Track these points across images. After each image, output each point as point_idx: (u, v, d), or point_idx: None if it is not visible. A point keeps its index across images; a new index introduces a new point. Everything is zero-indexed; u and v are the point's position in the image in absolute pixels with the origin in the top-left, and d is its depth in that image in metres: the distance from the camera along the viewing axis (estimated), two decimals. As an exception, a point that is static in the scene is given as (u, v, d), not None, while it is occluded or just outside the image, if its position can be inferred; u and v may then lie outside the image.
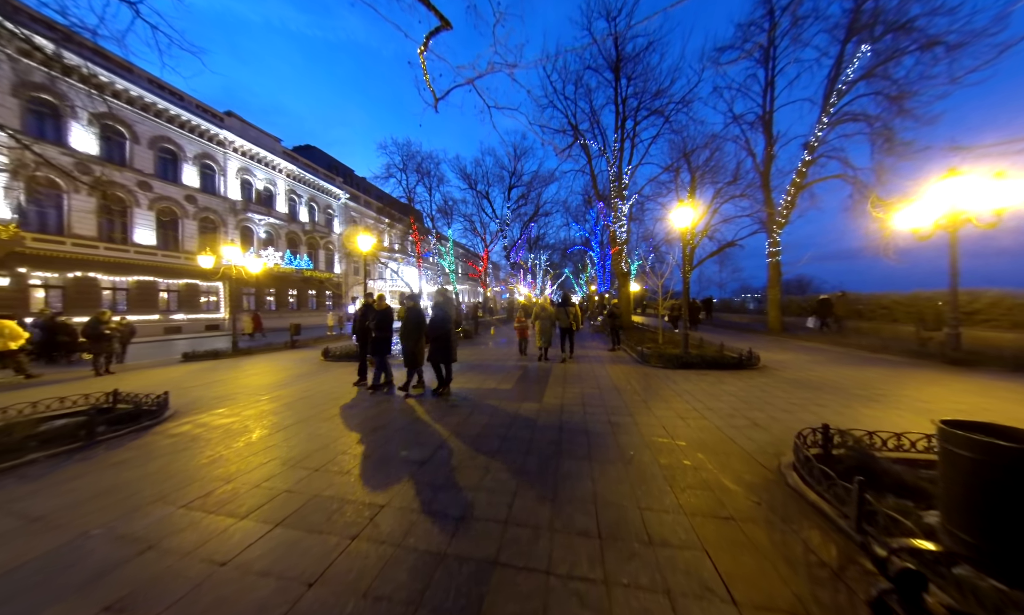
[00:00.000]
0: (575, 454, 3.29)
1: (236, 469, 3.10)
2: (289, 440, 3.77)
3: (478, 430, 3.98)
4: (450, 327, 5.32)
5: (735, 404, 4.79)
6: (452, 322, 5.40)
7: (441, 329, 5.28)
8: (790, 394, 5.28)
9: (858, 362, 7.89)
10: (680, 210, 9.12)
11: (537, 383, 6.31)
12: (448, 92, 7.69)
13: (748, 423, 4.03)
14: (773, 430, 3.81)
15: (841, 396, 5.13)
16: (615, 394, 5.47)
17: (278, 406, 5.07)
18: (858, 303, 15.67)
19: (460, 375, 7.14)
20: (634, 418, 4.30)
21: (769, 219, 15.15)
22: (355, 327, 6.63)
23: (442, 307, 5.42)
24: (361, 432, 3.98)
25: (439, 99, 7.80)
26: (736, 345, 9.13)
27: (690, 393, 5.42)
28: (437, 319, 5.36)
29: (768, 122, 14.56)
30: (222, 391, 6.13)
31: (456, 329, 5.81)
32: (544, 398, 5.29)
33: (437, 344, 5.33)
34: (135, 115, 20.85)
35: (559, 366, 8.00)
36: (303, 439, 3.79)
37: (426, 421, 4.34)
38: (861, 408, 4.56)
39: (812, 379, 6.26)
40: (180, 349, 11.25)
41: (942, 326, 8.87)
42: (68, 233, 18.20)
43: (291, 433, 3.98)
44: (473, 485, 2.74)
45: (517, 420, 4.30)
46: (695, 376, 6.66)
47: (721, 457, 3.16)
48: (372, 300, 6.25)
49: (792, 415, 4.30)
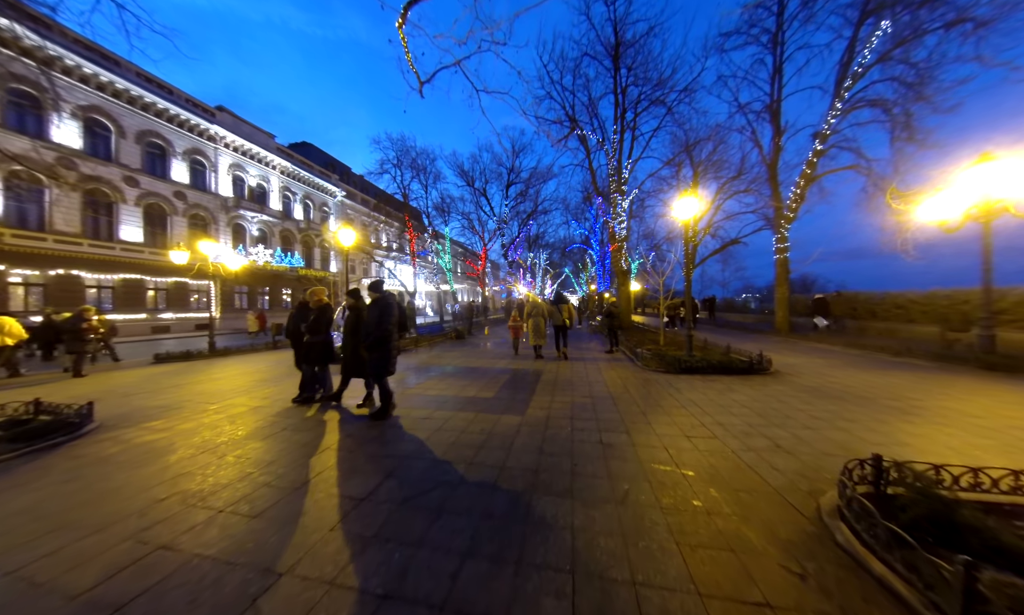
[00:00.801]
0: (554, 488, 2.61)
1: (119, 508, 2.44)
2: (208, 467, 3.10)
3: (441, 452, 3.30)
4: (389, 330, 4.12)
5: (749, 418, 4.09)
6: (392, 325, 4.19)
7: (375, 334, 4.10)
8: (811, 405, 4.58)
9: (880, 366, 7.17)
10: (683, 201, 8.42)
11: (523, 390, 5.63)
12: (434, 74, 7.02)
13: (768, 444, 3.34)
14: (801, 454, 3.12)
15: (871, 408, 4.42)
16: (609, 404, 4.78)
17: (220, 419, 4.41)
18: (870, 303, 14.94)
19: (440, 380, 6.47)
20: (630, 436, 3.62)
21: (776, 214, 14.42)
22: (287, 330, 5.54)
23: (379, 305, 4.19)
24: (297, 456, 3.30)
25: (424, 82, 7.12)
26: (743, 347, 8.44)
27: (696, 404, 4.73)
28: (371, 321, 4.17)
29: (776, 111, 13.82)
30: (171, 399, 5.48)
31: (407, 332, 4.75)
32: (528, 409, 4.60)
33: (370, 354, 4.25)
34: (121, 109, 20.28)
35: (551, 369, 7.32)
36: (224, 465, 3.12)
37: (380, 442, 3.66)
38: (898, 423, 3.86)
39: (832, 386, 5.55)
40: (166, 349, 10.62)
41: (969, 327, 8.16)
42: (50, 229, 17.63)
43: (215, 457, 3.31)
44: (415, 537, 2.06)
45: (492, 439, 3.62)
46: (700, 383, 5.97)
47: (741, 495, 2.47)
48: (307, 296, 5.23)
49: (818, 434, 3.61)
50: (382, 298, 4.25)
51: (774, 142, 14.11)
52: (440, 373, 7.23)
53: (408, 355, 9.95)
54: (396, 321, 4.31)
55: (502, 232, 29.17)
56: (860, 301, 15.51)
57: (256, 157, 28.46)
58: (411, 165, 25.64)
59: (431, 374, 7.14)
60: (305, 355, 5.01)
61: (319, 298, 4.95)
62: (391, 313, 4.18)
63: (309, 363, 4.93)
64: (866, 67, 11.31)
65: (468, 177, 28.92)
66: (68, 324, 7.99)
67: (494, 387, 5.88)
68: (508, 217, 29.68)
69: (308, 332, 4.86)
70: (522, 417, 4.30)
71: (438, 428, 3.95)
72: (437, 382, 6.35)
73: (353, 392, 5.04)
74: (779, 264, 14.62)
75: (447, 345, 12.15)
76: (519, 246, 31.70)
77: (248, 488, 2.69)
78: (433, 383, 6.27)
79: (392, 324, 4.20)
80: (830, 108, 12.33)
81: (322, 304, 4.93)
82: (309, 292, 5.04)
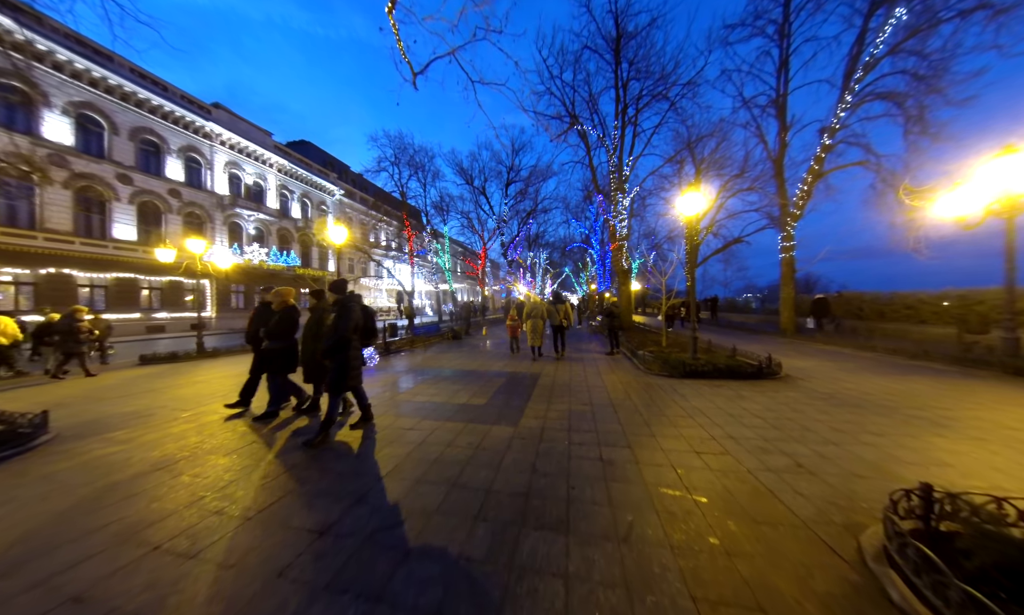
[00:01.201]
0: (547, 520, 2.25)
1: (43, 542, 2.09)
2: (159, 488, 2.75)
3: (422, 470, 2.95)
4: (345, 336, 3.54)
5: (764, 431, 3.73)
6: (350, 331, 3.57)
7: (330, 339, 3.58)
8: (830, 415, 4.22)
9: (896, 370, 6.80)
10: (687, 197, 8.05)
11: (518, 397, 5.28)
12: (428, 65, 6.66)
13: (789, 463, 2.98)
14: (827, 475, 2.76)
15: (896, 419, 4.06)
16: (610, 413, 4.42)
17: (188, 429, 4.07)
18: (877, 303, 14.57)
19: (432, 385, 6.12)
20: (634, 452, 3.26)
21: (782, 212, 14.03)
22: (247, 334, 4.91)
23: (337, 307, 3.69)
24: (259, 477, 2.96)
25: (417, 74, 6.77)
26: (749, 349, 8.08)
27: (703, 413, 4.37)
28: (329, 325, 3.70)
29: (782, 106, 13.42)
30: (143, 405, 5.14)
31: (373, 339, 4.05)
32: (522, 419, 4.25)
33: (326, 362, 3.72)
34: (114, 105, 19.97)
35: (548, 372, 6.97)
36: (177, 487, 2.77)
37: (354, 458, 3.31)
38: (930, 438, 3.50)
39: (850, 393, 5.19)
40: (153, 350, 10.29)
41: (989, 328, 7.78)
42: (40, 227, 17.32)
43: (169, 475, 2.96)
44: (375, 588, 1.71)
45: (480, 454, 3.27)
46: (707, 388, 5.61)
47: (764, 530, 2.12)
48: (270, 296, 4.63)
49: (843, 450, 3.25)
50: (342, 300, 3.74)
51: (780, 137, 13.72)
52: (433, 376, 6.89)
53: (402, 357, 9.61)
54: (357, 327, 3.70)
55: (501, 231, 28.83)
56: (867, 301, 15.13)
57: (253, 155, 28.14)
58: (409, 163, 25.30)
59: (423, 377, 6.79)
60: (263, 362, 4.45)
61: (284, 299, 4.44)
62: (349, 317, 3.58)
63: (270, 372, 4.38)
64: (877, 58, 10.90)
65: (467, 175, 28.60)
66: (61, 324, 7.70)
67: (487, 392, 5.53)
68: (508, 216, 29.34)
69: (267, 337, 4.31)
70: (515, 428, 3.95)
71: (422, 441, 3.60)
72: (428, 386, 6.01)
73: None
74: (784, 263, 14.24)
75: (443, 346, 11.80)
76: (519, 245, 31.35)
77: (195, 517, 2.35)
78: (424, 388, 5.93)
79: (350, 330, 3.59)
80: (839, 101, 11.93)
81: (287, 306, 4.41)
82: (274, 292, 4.50)
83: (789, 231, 13.82)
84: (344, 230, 9.64)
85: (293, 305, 4.43)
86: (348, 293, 3.83)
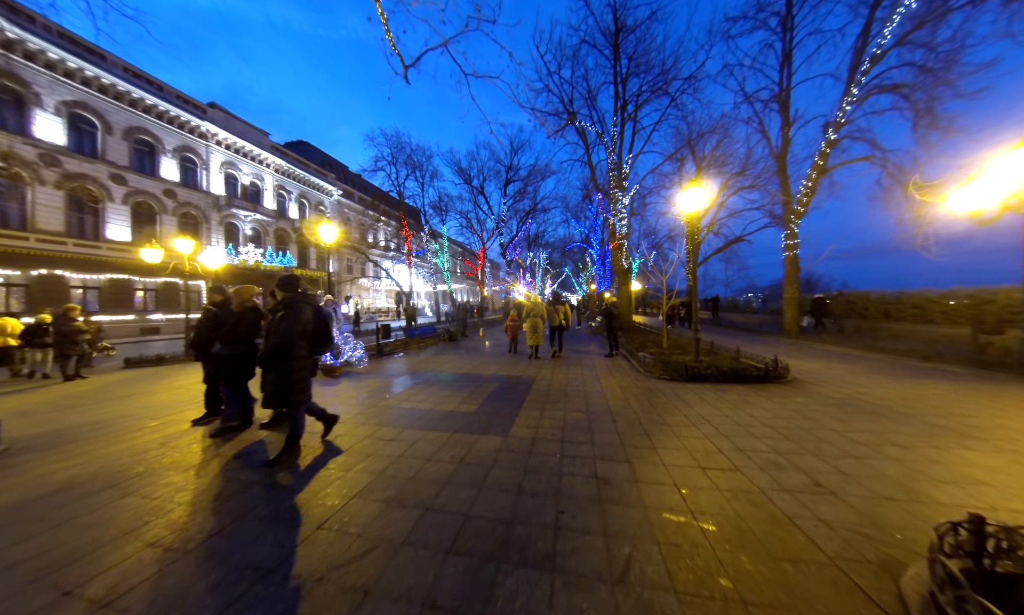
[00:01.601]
0: (530, 554, 1.94)
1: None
2: (103, 510, 2.45)
3: (396, 490, 2.65)
4: (287, 342, 3.07)
5: (776, 442, 3.42)
6: (295, 335, 3.12)
7: (271, 343, 3.11)
8: (845, 424, 3.90)
9: (909, 373, 6.47)
10: (688, 193, 7.74)
11: (510, 403, 4.96)
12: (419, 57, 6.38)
13: (806, 482, 2.66)
14: (850, 497, 2.44)
15: (918, 428, 3.74)
16: (607, 422, 4.11)
17: (151, 441, 3.77)
18: (883, 302, 14.23)
19: (420, 390, 5.81)
20: (632, 468, 2.95)
21: (786, 209, 13.70)
22: (193, 339, 4.38)
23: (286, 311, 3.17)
24: (212, 498, 2.65)
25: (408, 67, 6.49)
26: (753, 350, 7.76)
27: (708, 421, 4.05)
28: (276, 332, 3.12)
29: (785, 101, 13.10)
30: (113, 413, 4.85)
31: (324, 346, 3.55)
32: (512, 428, 3.94)
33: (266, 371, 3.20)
34: (108, 104, 19.74)
35: (544, 376, 6.65)
36: (119, 510, 2.47)
37: (320, 476, 3.01)
38: (960, 451, 3.18)
39: (863, 399, 4.87)
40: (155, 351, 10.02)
41: (1005, 328, 7.45)
42: (32, 228, 17.07)
43: (115, 496, 2.66)
44: (317, 648, 1.40)
45: (462, 470, 2.96)
46: (711, 393, 5.29)
47: (784, 567, 1.80)
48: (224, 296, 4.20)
49: (865, 464, 2.93)
50: (289, 300, 3.23)
51: (783, 133, 13.39)
52: (423, 381, 6.58)
53: (395, 359, 9.31)
54: (304, 332, 3.20)
55: (500, 231, 28.54)
56: (872, 301, 14.79)
57: (249, 155, 27.92)
58: (406, 162, 25.02)
59: (413, 382, 6.49)
60: (217, 370, 3.98)
61: (243, 299, 3.97)
62: (295, 320, 3.11)
63: (228, 380, 3.96)
64: (884, 50, 10.57)
65: (466, 175, 28.34)
66: (56, 325, 7.46)
67: (478, 398, 5.21)
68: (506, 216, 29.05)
69: (224, 340, 3.86)
70: (504, 438, 3.64)
71: (401, 454, 3.29)
72: (416, 392, 5.70)
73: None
74: (788, 262, 13.90)
75: (438, 348, 11.50)
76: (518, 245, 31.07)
77: (129, 549, 2.04)
78: (411, 393, 5.62)
79: (295, 334, 3.10)
80: (844, 95, 11.60)
81: (246, 307, 3.95)
82: (234, 291, 4.09)
83: (793, 229, 13.49)
84: (335, 229, 9.35)
85: (255, 306, 4.03)
86: (299, 292, 3.35)
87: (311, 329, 3.31)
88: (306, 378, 3.30)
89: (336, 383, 6.49)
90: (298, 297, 3.28)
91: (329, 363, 7.26)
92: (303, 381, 3.25)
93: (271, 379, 3.13)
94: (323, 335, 3.45)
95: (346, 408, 4.85)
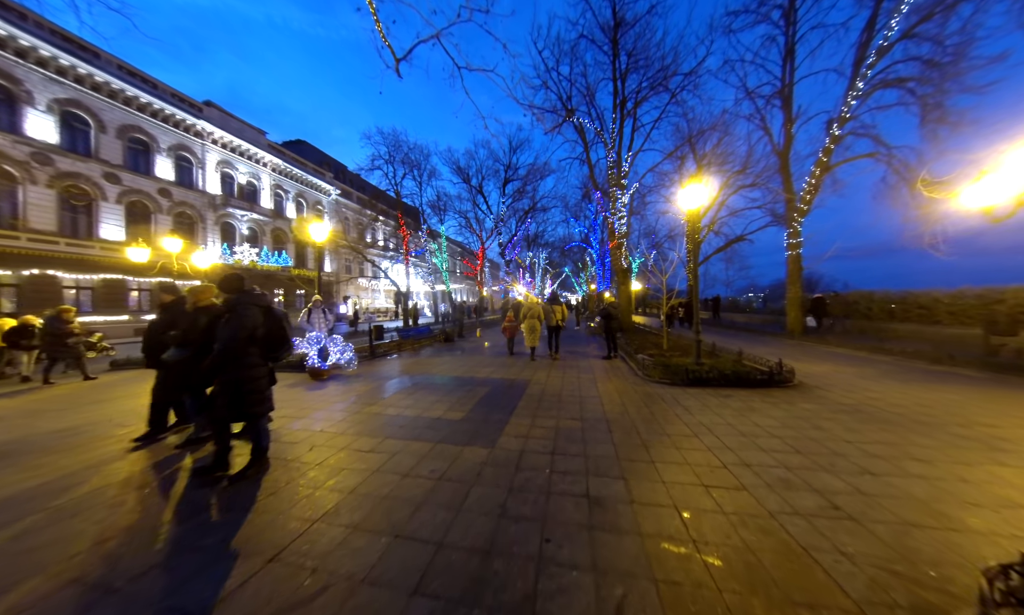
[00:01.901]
0: (508, 596, 1.67)
1: None
2: (33, 535, 2.19)
3: (365, 511, 2.38)
4: (232, 348, 2.75)
5: (784, 456, 3.14)
6: (237, 341, 2.76)
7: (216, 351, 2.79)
8: (859, 434, 3.62)
9: (921, 377, 6.19)
10: (689, 189, 7.48)
11: (500, 409, 4.69)
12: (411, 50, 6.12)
13: (821, 504, 2.39)
14: (873, 524, 2.16)
15: (940, 439, 3.46)
16: (603, 432, 3.84)
17: (115, 452, 3.51)
18: (887, 302, 13.94)
19: (409, 395, 5.55)
20: (628, 485, 2.68)
21: (788, 207, 13.42)
22: (143, 343, 3.99)
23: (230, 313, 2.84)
24: (160, 520, 2.39)
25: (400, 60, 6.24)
26: (755, 352, 7.48)
27: (710, 430, 3.78)
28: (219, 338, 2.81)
29: (787, 96, 12.82)
30: (82, 420, 4.59)
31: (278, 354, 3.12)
32: (501, 438, 3.67)
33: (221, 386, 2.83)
34: (101, 102, 19.52)
35: (539, 379, 6.38)
36: (55, 541, 2.20)
37: (284, 495, 2.74)
38: (989, 466, 2.90)
39: (876, 406, 4.59)
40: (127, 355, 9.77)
41: (1018, 329, 7.17)
42: (23, 227, 16.85)
43: (57, 519, 2.40)
44: None
45: (442, 487, 2.69)
46: (713, 399, 5.02)
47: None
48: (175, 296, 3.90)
49: (886, 483, 2.65)
50: (233, 301, 2.87)
51: (785, 130, 13.12)
52: (412, 384, 6.31)
53: (386, 362, 9.05)
54: (254, 336, 2.84)
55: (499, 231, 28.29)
56: (876, 301, 14.50)
57: (246, 154, 27.70)
58: (403, 160, 24.75)
59: (401, 386, 6.22)
60: (167, 379, 3.63)
61: (197, 300, 3.59)
62: (239, 324, 2.76)
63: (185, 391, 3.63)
64: (890, 43, 10.28)
65: (464, 174, 28.10)
66: (47, 327, 7.15)
67: (467, 404, 4.94)
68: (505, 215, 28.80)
69: (178, 342, 3.48)
70: (490, 450, 3.37)
71: (377, 469, 3.02)
72: (404, 397, 5.43)
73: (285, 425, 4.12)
74: (791, 261, 13.62)
75: (432, 349, 11.24)
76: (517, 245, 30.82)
77: (47, 586, 1.78)
78: (399, 398, 5.35)
79: (241, 340, 2.76)
80: (848, 89, 11.31)
81: (200, 307, 3.55)
82: (189, 290, 3.72)
83: (796, 227, 13.21)
84: (325, 227, 9.08)
85: (212, 304, 3.64)
86: (245, 292, 2.98)
87: (262, 333, 2.92)
88: (263, 387, 2.95)
89: (323, 387, 6.23)
90: (244, 298, 2.91)
91: (316, 366, 7.00)
92: (259, 391, 2.91)
93: (222, 390, 2.80)
94: (277, 339, 3.04)
95: (327, 414, 4.59)
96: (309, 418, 4.45)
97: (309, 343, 7.27)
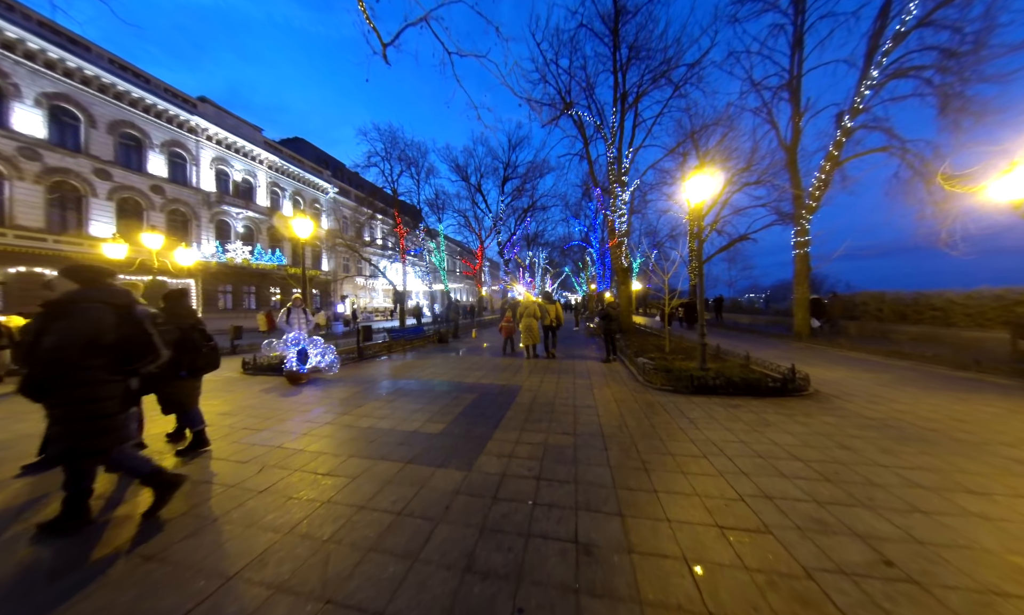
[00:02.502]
0: (454, 710, 1.20)
1: None
2: None
3: (294, 566, 1.90)
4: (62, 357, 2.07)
5: (812, 485, 2.65)
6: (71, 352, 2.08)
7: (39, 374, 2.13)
8: (895, 457, 3.13)
9: (947, 385, 5.68)
10: (694, 180, 7.00)
11: (484, 421, 4.21)
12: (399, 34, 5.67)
13: (869, 557, 1.90)
14: (942, 590, 1.68)
15: (991, 465, 2.96)
16: (598, 450, 3.36)
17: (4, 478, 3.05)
18: (898, 303, 13.43)
19: (387, 403, 5.07)
20: (625, 526, 2.20)
21: (796, 203, 12.90)
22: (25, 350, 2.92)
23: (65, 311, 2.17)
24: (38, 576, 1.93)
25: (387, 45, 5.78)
26: (763, 355, 7.02)
27: (721, 450, 3.30)
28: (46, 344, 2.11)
29: (796, 88, 12.29)
30: (20, 431, 4.14)
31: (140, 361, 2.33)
32: (480, 457, 3.19)
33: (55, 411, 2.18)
34: (91, 97, 19.13)
35: (531, 385, 5.90)
36: None
37: (205, 538, 2.28)
38: (1056, 499, 2.42)
39: (905, 419, 4.09)
40: None
41: (1050, 334, 6.67)
42: (10, 224, 16.48)
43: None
44: None
45: (400, 526, 2.22)
46: (721, 410, 4.53)
47: None
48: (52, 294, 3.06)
49: (942, 525, 2.17)
50: (70, 298, 2.19)
51: (793, 123, 12.59)
52: (394, 390, 5.85)
53: (373, 364, 8.59)
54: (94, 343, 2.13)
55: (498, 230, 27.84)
56: (887, 302, 13.99)
57: (241, 151, 27.32)
58: (400, 158, 24.30)
59: (382, 392, 5.76)
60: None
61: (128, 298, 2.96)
62: (71, 330, 2.09)
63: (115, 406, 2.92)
64: (907, 29, 9.74)
65: (463, 172, 27.66)
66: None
67: (449, 414, 4.47)
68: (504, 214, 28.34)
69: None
70: (466, 473, 2.89)
71: (330, 499, 2.55)
72: (382, 405, 4.96)
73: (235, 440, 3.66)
74: (798, 260, 13.10)
75: (424, 351, 10.78)
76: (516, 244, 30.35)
77: None
78: (376, 407, 4.88)
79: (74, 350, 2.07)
80: (861, 79, 10.78)
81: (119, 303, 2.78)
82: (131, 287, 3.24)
83: (804, 225, 12.69)
84: (310, 223, 8.64)
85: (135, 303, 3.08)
86: (95, 286, 2.33)
87: (111, 340, 2.19)
88: (110, 411, 2.18)
89: (297, 392, 5.78)
90: (87, 293, 2.24)
91: (294, 370, 6.55)
92: (103, 416, 2.14)
93: (56, 416, 2.11)
94: (137, 345, 2.30)
95: (293, 426, 4.13)
96: (272, 430, 4.00)
97: (287, 345, 6.83)
